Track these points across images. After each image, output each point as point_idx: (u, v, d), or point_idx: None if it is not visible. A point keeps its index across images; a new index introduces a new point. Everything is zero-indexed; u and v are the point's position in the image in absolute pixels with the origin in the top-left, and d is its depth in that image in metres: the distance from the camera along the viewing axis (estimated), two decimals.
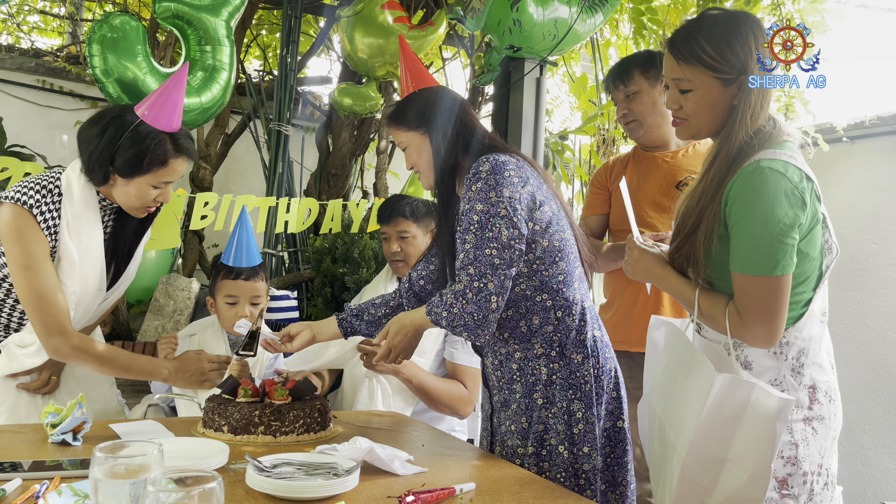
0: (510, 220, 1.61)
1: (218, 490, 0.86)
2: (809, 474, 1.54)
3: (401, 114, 1.84)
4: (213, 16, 2.61)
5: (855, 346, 3.35)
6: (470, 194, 1.66)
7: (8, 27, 4.77)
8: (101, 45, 2.44)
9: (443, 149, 1.78)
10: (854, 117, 3.39)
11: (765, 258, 1.47)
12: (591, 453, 1.64)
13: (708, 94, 1.57)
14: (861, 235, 3.35)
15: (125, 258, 2.07)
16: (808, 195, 1.48)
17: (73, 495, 1.21)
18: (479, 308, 1.60)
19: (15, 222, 1.84)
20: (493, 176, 1.64)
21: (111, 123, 1.87)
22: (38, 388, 1.98)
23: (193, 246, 3.66)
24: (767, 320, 1.49)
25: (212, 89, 2.61)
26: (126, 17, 2.51)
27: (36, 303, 1.84)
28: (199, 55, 2.62)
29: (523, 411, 1.70)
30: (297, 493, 1.27)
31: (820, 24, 3.19)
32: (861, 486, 3.30)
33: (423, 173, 1.84)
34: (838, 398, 1.63)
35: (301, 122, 4.41)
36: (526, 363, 1.69)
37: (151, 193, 1.93)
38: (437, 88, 1.86)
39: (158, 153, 1.87)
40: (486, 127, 1.88)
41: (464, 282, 1.62)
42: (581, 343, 1.68)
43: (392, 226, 2.50)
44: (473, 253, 1.62)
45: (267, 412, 1.70)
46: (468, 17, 2.94)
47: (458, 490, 1.33)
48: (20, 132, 3.83)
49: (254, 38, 4.49)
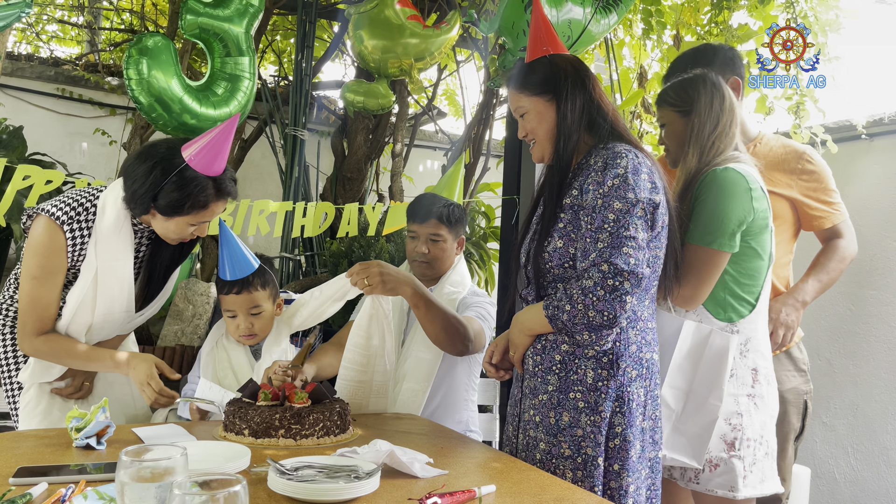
0: (647, 222, 1.58)
1: (242, 493, 0.87)
2: (752, 441, 1.88)
3: (526, 77, 1.74)
4: (236, 26, 2.66)
5: (876, 344, 3.31)
6: (604, 189, 1.60)
7: (27, 36, 4.83)
8: (138, 66, 2.54)
9: (568, 120, 1.70)
10: (873, 114, 3.36)
11: (708, 232, 1.84)
12: (622, 472, 1.61)
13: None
14: (881, 233, 3.31)
15: (161, 279, 2.11)
16: (758, 201, 1.85)
17: (98, 499, 1.23)
18: (610, 307, 1.54)
19: (42, 237, 1.91)
20: (633, 175, 1.59)
21: (158, 164, 1.89)
22: (72, 393, 2.04)
23: (212, 251, 3.69)
24: (696, 285, 1.86)
25: (237, 98, 2.66)
26: (158, 38, 2.61)
27: (27, 307, 1.93)
28: (222, 65, 2.67)
29: (554, 406, 1.65)
30: (318, 496, 1.28)
31: (834, 22, 3.17)
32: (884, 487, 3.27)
33: (538, 143, 1.76)
34: (774, 385, 1.97)
35: (316, 126, 4.43)
36: (572, 359, 1.65)
37: (189, 230, 1.97)
38: (569, 56, 1.77)
39: (200, 199, 1.91)
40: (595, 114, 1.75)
41: (594, 279, 1.55)
42: (639, 360, 1.64)
43: (425, 227, 2.40)
44: (609, 251, 1.55)
45: (287, 415, 1.71)
46: (482, 20, 2.95)
47: (479, 492, 1.33)
48: (40, 140, 3.88)
49: (269, 43, 4.52)
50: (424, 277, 2.45)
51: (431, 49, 3.13)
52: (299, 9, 3.65)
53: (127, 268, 2.01)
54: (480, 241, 4.57)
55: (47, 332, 1.96)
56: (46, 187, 2.59)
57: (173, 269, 2.14)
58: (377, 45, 3.10)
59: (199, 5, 2.66)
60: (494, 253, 4.54)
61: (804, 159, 2.23)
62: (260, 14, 2.74)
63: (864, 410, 3.32)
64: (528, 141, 1.80)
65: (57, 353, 1.96)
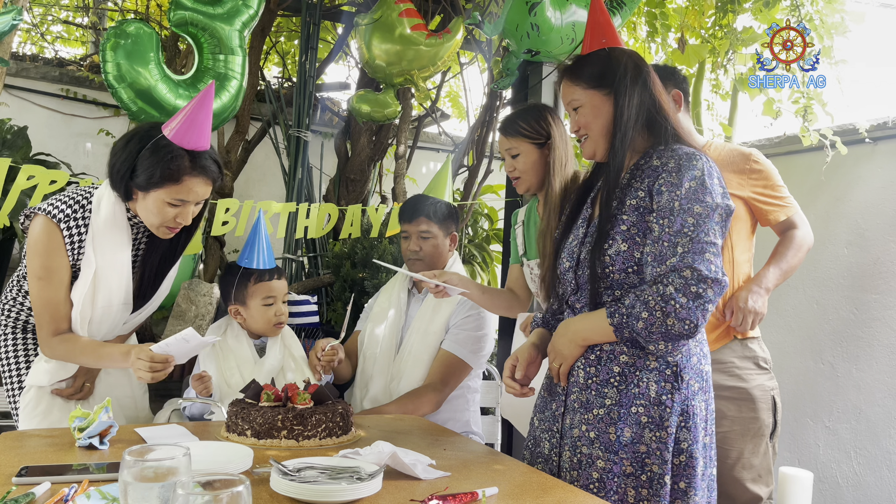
0: (723, 228, 1.53)
1: (245, 494, 0.87)
2: None
3: (582, 69, 1.67)
4: (227, 24, 2.64)
5: (879, 348, 3.30)
6: (682, 192, 1.53)
7: (32, 37, 4.84)
8: (115, 51, 2.47)
9: (625, 116, 1.62)
10: (877, 118, 3.35)
11: None
12: (688, 490, 1.54)
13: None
14: (884, 237, 3.31)
15: (154, 279, 2.11)
16: None
17: (101, 498, 1.23)
18: (693, 315, 1.46)
19: (41, 235, 1.91)
20: (709, 178, 1.54)
21: (135, 138, 1.91)
22: (72, 394, 2.04)
23: (215, 252, 3.70)
24: None
25: (221, 97, 2.65)
26: (140, 24, 2.55)
27: (40, 310, 1.94)
28: (212, 63, 2.65)
29: (613, 421, 1.55)
30: (321, 497, 1.28)
31: (839, 25, 3.17)
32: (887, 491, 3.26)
33: (591, 139, 1.69)
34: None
35: (320, 127, 4.44)
36: (632, 371, 1.56)
37: (168, 211, 1.92)
38: (629, 50, 1.70)
39: (173, 167, 1.87)
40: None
41: (675, 285, 1.47)
42: (699, 373, 1.58)
43: (414, 225, 2.51)
44: (691, 257, 1.47)
45: (290, 416, 1.71)
46: (486, 22, 2.95)
47: (481, 494, 1.33)
48: (45, 140, 3.89)
49: (273, 45, 4.53)
50: None
51: (436, 58, 3.14)
52: (303, 10, 3.65)
53: (125, 259, 2.00)
54: (483, 243, 4.57)
55: (63, 332, 1.95)
56: (50, 187, 2.59)
57: (166, 269, 2.12)
58: (383, 55, 3.11)
59: (189, 0, 2.63)
60: (497, 255, 4.53)
61: (751, 160, 2.35)
62: (257, 16, 2.73)
63: (867, 414, 3.31)
64: (580, 136, 1.72)
65: (73, 353, 1.95)
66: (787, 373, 3.54)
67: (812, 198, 3.37)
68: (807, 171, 3.48)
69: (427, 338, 2.42)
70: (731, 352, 2.31)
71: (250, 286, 2.31)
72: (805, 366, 3.53)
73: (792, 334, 3.59)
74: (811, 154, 3.45)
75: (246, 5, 2.68)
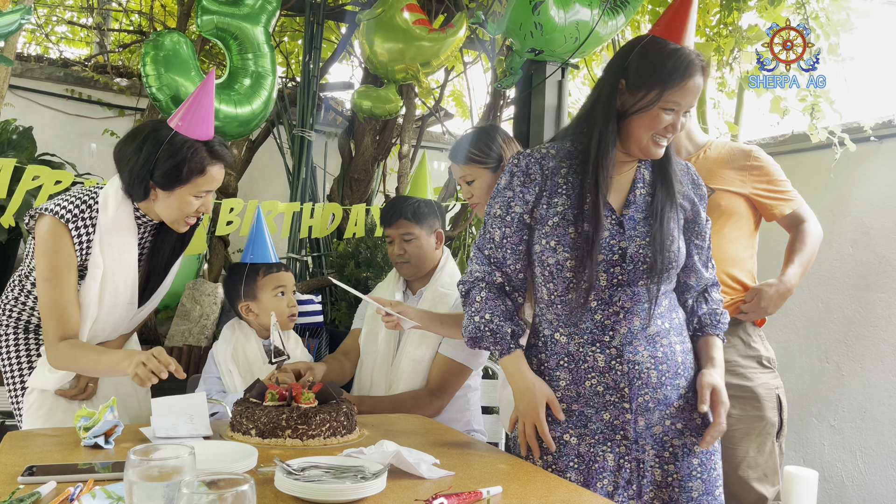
0: None
1: (250, 493, 0.87)
2: None
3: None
4: (253, 24, 2.67)
5: (885, 347, 3.29)
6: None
7: (37, 38, 4.85)
8: (155, 63, 2.52)
9: None
10: (882, 116, 3.34)
11: None
12: None
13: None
14: (890, 236, 3.30)
15: (161, 273, 2.11)
16: None
17: (106, 497, 1.24)
18: None
19: (48, 235, 1.91)
20: None
21: (147, 139, 1.91)
22: (76, 394, 2.03)
23: (219, 251, 3.70)
24: None
25: (260, 95, 2.68)
26: (175, 35, 2.61)
27: (47, 313, 1.92)
28: (242, 63, 2.68)
29: (693, 406, 1.69)
30: (325, 496, 1.28)
31: (845, 22, 3.15)
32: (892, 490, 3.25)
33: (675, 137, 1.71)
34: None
35: (324, 127, 4.44)
36: (686, 355, 1.72)
37: (193, 204, 1.96)
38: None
39: (196, 162, 1.90)
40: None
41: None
42: None
43: (395, 228, 2.48)
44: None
45: (294, 416, 1.71)
46: (489, 21, 2.95)
47: (485, 493, 1.33)
48: (50, 141, 3.90)
49: (276, 44, 4.54)
50: (412, 278, 2.54)
51: (439, 53, 3.14)
52: (307, 10, 3.66)
53: (131, 260, 2.01)
54: None
55: (70, 336, 1.91)
56: (56, 188, 2.60)
57: (174, 261, 2.13)
58: (385, 51, 3.11)
59: (214, 4, 2.67)
60: None
61: (752, 157, 2.35)
62: (277, 11, 2.76)
63: (873, 413, 3.30)
64: (668, 137, 1.68)
65: (76, 359, 1.91)
66: (792, 372, 3.53)
67: (817, 196, 3.36)
68: (813, 169, 3.48)
69: (424, 341, 2.40)
70: (735, 351, 2.31)
71: (259, 279, 2.31)
72: (810, 365, 3.52)
73: (797, 333, 3.58)
74: (818, 152, 3.44)
75: (267, 1, 2.72)
